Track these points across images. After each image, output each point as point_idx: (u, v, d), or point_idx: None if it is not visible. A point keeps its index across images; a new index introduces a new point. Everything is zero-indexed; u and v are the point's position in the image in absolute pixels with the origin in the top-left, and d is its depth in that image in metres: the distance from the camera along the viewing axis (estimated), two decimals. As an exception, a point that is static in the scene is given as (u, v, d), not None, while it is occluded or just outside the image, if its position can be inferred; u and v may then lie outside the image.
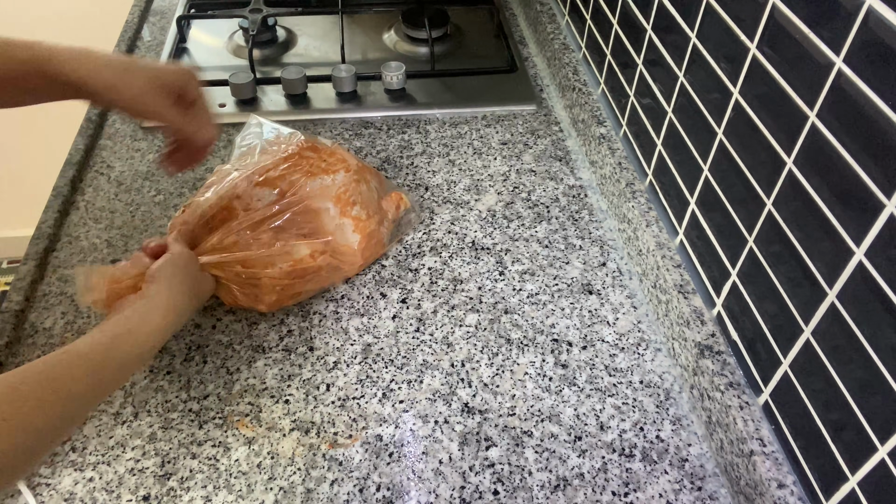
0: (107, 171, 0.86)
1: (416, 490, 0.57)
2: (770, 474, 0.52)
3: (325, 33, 1.11)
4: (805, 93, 0.48)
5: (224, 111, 0.94)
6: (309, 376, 0.65)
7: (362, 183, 0.74)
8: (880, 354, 0.43)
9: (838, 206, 0.46)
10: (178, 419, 0.61)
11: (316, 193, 0.69)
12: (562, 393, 0.64)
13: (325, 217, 0.69)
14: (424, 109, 0.96)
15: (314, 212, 0.69)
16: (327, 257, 0.69)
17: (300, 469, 0.58)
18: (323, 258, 0.68)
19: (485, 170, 0.87)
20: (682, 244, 0.68)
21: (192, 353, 0.66)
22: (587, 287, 0.73)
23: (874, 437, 0.44)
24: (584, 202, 0.83)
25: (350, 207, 0.71)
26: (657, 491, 0.57)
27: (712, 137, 0.61)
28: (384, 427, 0.61)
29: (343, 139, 0.91)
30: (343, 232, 0.70)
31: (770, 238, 0.53)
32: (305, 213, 0.68)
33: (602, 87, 0.88)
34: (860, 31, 0.42)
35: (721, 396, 0.57)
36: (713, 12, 0.59)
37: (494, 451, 0.60)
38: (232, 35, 1.09)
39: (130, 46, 1.06)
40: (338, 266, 0.70)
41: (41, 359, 0.47)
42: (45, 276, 0.73)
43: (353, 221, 0.71)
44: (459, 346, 0.68)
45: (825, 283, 0.47)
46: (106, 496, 0.56)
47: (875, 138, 0.42)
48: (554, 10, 1.05)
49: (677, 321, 0.65)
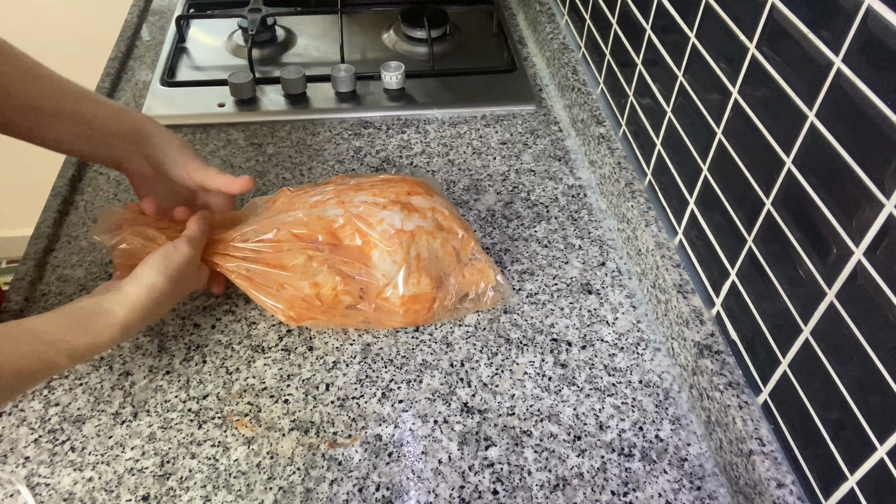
0: (106, 170, 0.86)
1: (416, 490, 0.57)
2: (769, 474, 0.52)
3: (325, 33, 1.11)
4: (804, 93, 0.48)
5: (223, 111, 0.94)
6: (308, 376, 0.65)
7: (436, 239, 0.66)
8: (879, 354, 0.43)
9: (837, 206, 0.46)
10: (178, 419, 0.61)
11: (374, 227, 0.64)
12: (561, 393, 0.64)
13: (376, 265, 0.64)
14: (424, 109, 0.96)
15: (366, 254, 0.64)
16: (354, 297, 0.64)
17: (300, 469, 0.58)
18: (347, 296, 0.63)
19: (484, 169, 0.87)
20: (682, 244, 0.69)
21: (192, 353, 0.66)
22: (586, 287, 0.73)
23: (873, 437, 0.44)
24: (583, 202, 0.83)
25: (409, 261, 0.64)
26: (656, 490, 0.57)
27: (711, 137, 0.61)
28: (383, 427, 0.61)
29: (342, 139, 0.91)
30: (387, 288, 0.64)
31: (769, 238, 0.53)
32: (357, 248, 0.64)
33: (601, 87, 0.88)
34: (859, 31, 0.42)
35: (720, 396, 0.57)
36: (712, 12, 0.59)
37: (494, 450, 0.60)
38: (231, 35, 1.09)
39: (130, 46, 1.06)
40: (376, 316, 0.65)
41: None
42: (45, 276, 0.73)
43: (406, 281, 0.64)
44: (459, 345, 0.68)
45: (824, 282, 0.47)
46: (105, 496, 0.56)
47: (874, 138, 0.42)
48: (553, 10, 1.05)
49: (676, 321, 0.65)
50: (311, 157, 0.88)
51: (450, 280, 0.66)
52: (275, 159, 0.88)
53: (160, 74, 1.00)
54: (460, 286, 0.67)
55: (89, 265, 0.74)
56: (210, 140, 0.91)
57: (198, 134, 0.92)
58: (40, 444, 0.59)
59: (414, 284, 0.64)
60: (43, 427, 0.61)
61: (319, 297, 0.63)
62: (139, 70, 1.02)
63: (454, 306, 0.67)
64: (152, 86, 0.98)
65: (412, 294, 0.64)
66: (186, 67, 1.03)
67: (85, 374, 0.64)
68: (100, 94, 0.70)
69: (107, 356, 0.66)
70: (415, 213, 0.66)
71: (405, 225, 0.65)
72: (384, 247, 0.64)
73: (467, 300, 0.68)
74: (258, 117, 0.94)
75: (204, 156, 0.88)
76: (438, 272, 0.66)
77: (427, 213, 0.67)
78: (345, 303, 0.64)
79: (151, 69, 1.02)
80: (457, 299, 0.67)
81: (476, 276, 0.68)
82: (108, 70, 1.00)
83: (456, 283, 0.67)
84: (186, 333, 0.68)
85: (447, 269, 0.66)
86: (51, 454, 0.59)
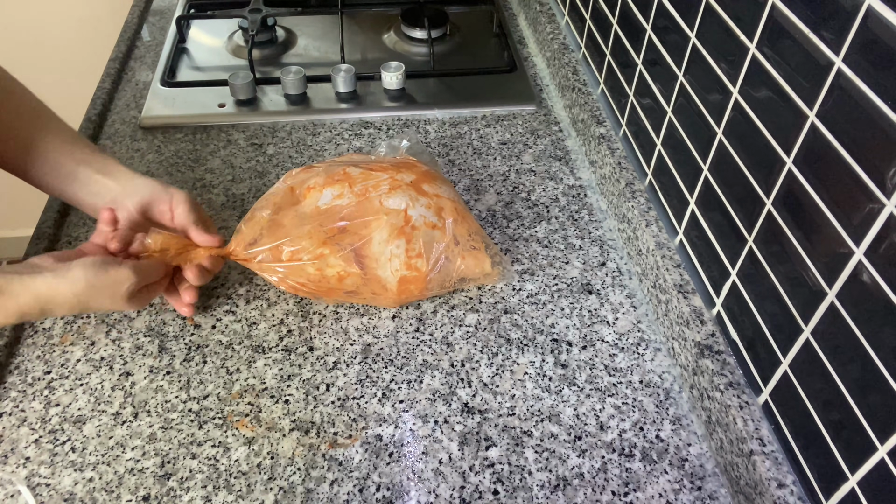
0: (106, 171, 0.86)
1: (416, 490, 0.57)
2: (770, 474, 0.52)
3: (325, 33, 1.11)
4: (805, 93, 0.48)
5: (224, 111, 0.94)
6: (309, 376, 0.65)
7: (435, 229, 0.68)
8: (880, 354, 0.43)
9: (838, 206, 0.46)
10: (178, 419, 0.61)
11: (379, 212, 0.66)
12: (561, 393, 0.64)
13: (375, 245, 0.66)
14: (424, 109, 0.96)
15: (368, 238, 0.66)
16: (357, 281, 0.66)
17: (300, 469, 0.58)
18: (352, 281, 0.65)
19: (484, 170, 0.87)
20: (682, 244, 0.68)
21: (192, 353, 0.66)
22: (587, 287, 0.73)
23: (874, 437, 0.44)
24: (583, 202, 0.83)
25: (407, 245, 0.66)
26: (657, 491, 0.57)
27: (712, 137, 0.61)
28: (384, 427, 0.61)
29: (343, 139, 0.91)
30: (384, 267, 0.66)
31: (770, 238, 0.53)
32: (363, 230, 0.66)
33: (602, 87, 0.88)
34: (860, 31, 0.42)
35: (721, 396, 0.57)
36: (713, 12, 0.59)
37: (494, 450, 0.60)
38: (231, 35, 1.09)
39: (130, 46, 1.06)
40: (371, 296, 0.67)
41: None
42: (45, 277, 0.73)
43: (402, 261, 0.66)
44: (459, 345, 0.68)
45: (825, 282, 0.47)
46: (106, 496, 0.56)
47: (874, 138, 0.42)
48: (553, 10, 1.05)
49: (677, 321, 0.65)
50: (312, 158, 0.88)
51: (447, 263, 0.68)
52: (275, 159, 0.88)
53: (160, 75, 1.00)
54: (458, 271, 0.68)
55: (90, 265, 0.74)
56: (210, 140, 0.91)
57: (198, 134, 0.92)
58: (41, 445, 0.59)
59: (410, 265, 0.66)
60: (43, 427, 0.61)
61: (328, 281, 0.65)
62: (139, 70, 1.02)
63: (452, 286, 0.70)
64: (153, 86, 0.98)
65: (408, 276, 0.66)
66: (187, 68, 1.03)
67: (85, 374, 0.64)
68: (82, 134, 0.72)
69: (107, 356, 0.66)
70: (421, 197, 0.68)
71: (409, 208, 0.66)
72: (386, 227, 0.65)
73: (466, 282, 0.70)
74: (258, 118, 0.94)
75: (204, 156, 0.88)
76: (437, 256, 0.67)
77: (431, 199, 0.68)
78: (347, 287, 0.66)
79: (152, 69, 1.02)
80: (454, 282, 0.69)
81: (472, 262, 0.69)
82: (109, 70, 1.00)
83: (454, 267, 0.68)
84: (187, 333, 0.68)
85: (445, 253, 0.68)
86: (51, 454, 0.59)
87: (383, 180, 0.68)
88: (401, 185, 0.68)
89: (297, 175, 0.70)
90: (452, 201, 0.70)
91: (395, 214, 0.66)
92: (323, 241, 0.64)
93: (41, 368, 0.65)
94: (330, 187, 0.67)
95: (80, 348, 0.67)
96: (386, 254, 0.65)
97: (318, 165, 0.71)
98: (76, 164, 0.65)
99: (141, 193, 0.65)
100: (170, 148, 0.89)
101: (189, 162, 0.87)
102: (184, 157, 0.88)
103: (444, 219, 0.68)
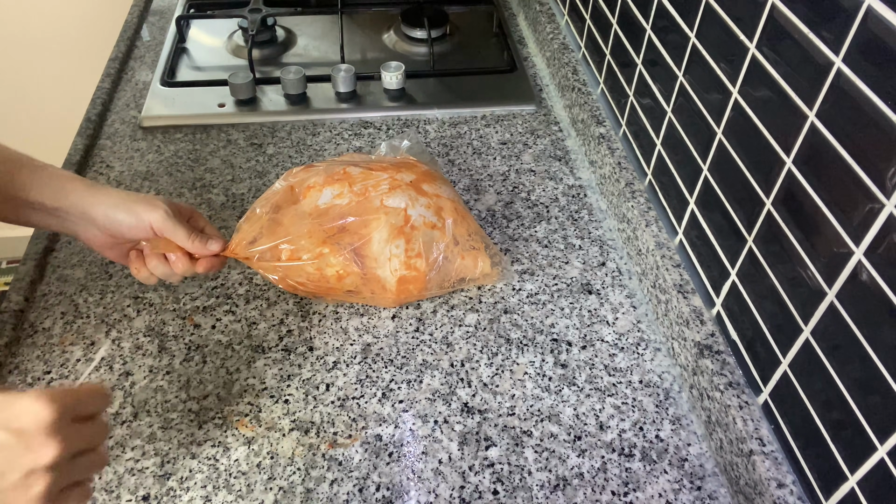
0: (106, 170, 0.86)
1: (416, 490, 0.57)
2: (769, 474, 0.52)
3: (325, 33, 1.11)
4: (804, 92, 0.48)
5: (223, 111, 0.94)
6: (308, 376, 0.65)
7: (435, 229, 0.67)
8: (880, 354, 0.43)
9: (838, 206, 0.46)
10: (178, 419, 0.61)
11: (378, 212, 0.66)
12: (561, 393, 0.64)
13: (374, 245, 0.65)
14: (424, 109, 0.96)
15: (368, 238, 0.65)
16: (356, 281, 0.65)
17: (300, 469, 0.58)
18: (351, 280, 0.65)
19: (484, 170, 0.87)
20: (682, 244, 0.69)
21: (192, 353, 0.66)
22: (587, 287, 0.73)
23: (873, 437, 0.44)
24: (583, 202, 0.83)
25: (406, 245, 0.66)
26: (657, 490, 0.57)
27: (712, 137, 0.61)
28: (384, 427, 0.61)
29: (343, 139, 0.91)
30: (383, 266, 0.66)
31: (769, 238, 0.53)
32: (362, 230, 0.65)
33: (601, 87, 0.88)
34: (859, 31, 0.42)
35: (720, 396, 0.57)
36: (712, 12, 0.59)
37: (494, 450, 0.60)
38: (231, 35, 1.09)
39: (130, 46, 1.06)
40: (371, 295, 0.67)
41: None
42: (45, 277, 0.73)
43: (401, 261, 0.66)
44: (459, 345, 0.68)
45: (824, 282, 0.47)
46: (106, 496, 0.56)
47: (874, 138, 0.42)
48: (553, 10, 1.05)
49: (677, 321, 0.65)
50: (312, 158, 0.88)
51: (446, 263, 0.68)
52: (275, 159, 0.88)
53: (160, 75, 1.00)
54: (457, 271, 0.68)
55: (89, 265, 0.74)
56: (210, 140, 0.91)
57: (198, 134, 0.92)
58: (40, 445, 0.59)
59: (410, 265, 0.66)
60: (43, 427, 0.61)
61: (327, 280, 0.65)
62: (139, 70, 1.02)
63: (451, 286, 0.70)
64: (152, 86, 0.98)
65: (408, 276, 0.66)
66: (186, 68, 1.03)
67: (85, 374, 0.64)
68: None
69: (107, 356, 0.66)
70: (421, 197, 0.68)
71: (409, 208, 0.66)
72: (385, 227, 0.65)
73: (465, 282, 0.70)
74: (258, 117, 0.94)
75: (204, 156, 0.88)
76: (436, 255, 0.67)
77: (431, 199, 0.68)
78: (347, 286, 0.66)
79: (151, 69, 1.02)
80: (453, 282, 0.69)
81: (472, 262, 0.69)
82: (108, 70, 1.00)
83: (453, 267, 0.68)
84: (187, 333, 0.68)
85: (445, 253, 0.68)
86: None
87: (383, 180, 0.68)
88: (401, 185, 0.68)
89: (297, 174, 0.70)
90: (452, 201, 0.70)
91: (394, 214, 0.66)
92: (322, 241, 0.64)
93: (41, 368, 0.65)
94: (330, 186, 0.67)
95: (79, 348, 0.67)
96: (385, 253, 0.65)
97: (319, 165, 0.71)
98: (32, 211, 0.59)
99: (100, 227, 0.59)
100: (169, 148, 0.89)
101: (189, 162, 0.87)
102: (183, 157, 0.88)
103: (444, 219, 0.68)
